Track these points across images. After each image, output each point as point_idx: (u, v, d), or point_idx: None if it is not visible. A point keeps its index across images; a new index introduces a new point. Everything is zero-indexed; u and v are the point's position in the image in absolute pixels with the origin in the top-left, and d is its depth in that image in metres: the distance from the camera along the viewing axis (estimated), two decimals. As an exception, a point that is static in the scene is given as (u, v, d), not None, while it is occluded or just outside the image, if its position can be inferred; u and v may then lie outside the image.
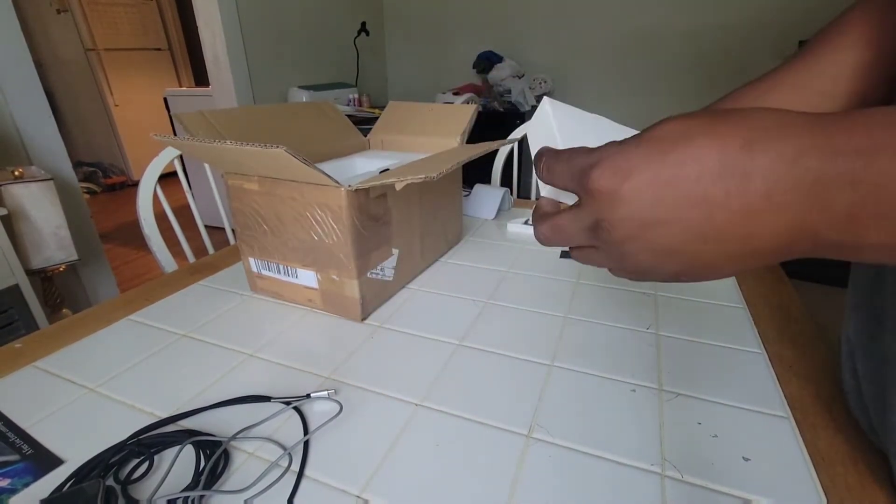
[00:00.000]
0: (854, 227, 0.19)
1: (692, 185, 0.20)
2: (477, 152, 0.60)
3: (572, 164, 0.24)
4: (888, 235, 0.18)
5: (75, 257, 1.38)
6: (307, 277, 0.60)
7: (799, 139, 0.19)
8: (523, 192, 1.61)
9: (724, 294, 0.64)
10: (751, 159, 0.19)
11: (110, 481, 0.36)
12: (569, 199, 0.29)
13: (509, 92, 2.56)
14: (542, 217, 0.27)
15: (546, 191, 0.31)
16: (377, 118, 0.89)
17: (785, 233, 0.20)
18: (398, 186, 0.50)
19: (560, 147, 0.27)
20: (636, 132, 0.24)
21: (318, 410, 0.44)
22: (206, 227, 1.06)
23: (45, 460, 0.38)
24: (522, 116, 2.52)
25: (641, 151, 0.21)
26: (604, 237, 0.23)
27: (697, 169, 0.20)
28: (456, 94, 2.57)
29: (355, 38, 2.71)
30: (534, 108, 2.61)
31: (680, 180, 0.20)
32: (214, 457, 0.37)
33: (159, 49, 4.06)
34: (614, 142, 0.23)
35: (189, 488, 0.35)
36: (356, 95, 2.52)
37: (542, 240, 0.28)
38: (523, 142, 1.49)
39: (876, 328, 0.35)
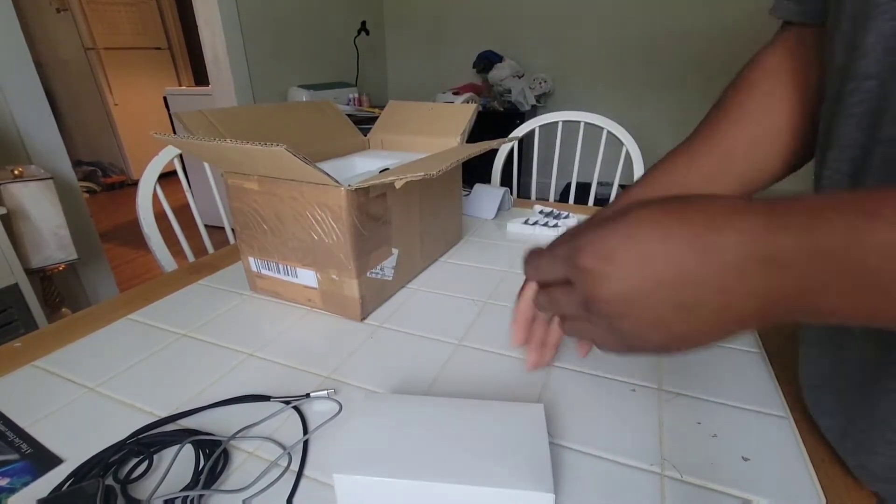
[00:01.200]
0: (807, 296, 0.21)
1: (668, 263, 0.23)
2: (476, 151, 0.60)
3: (555, 254, 0.27)
4: (838, 301, 0.21)
5: (75, 257, 1.38)
6: (307, 277, 0.60)
7: (754, 220, 0.22)
8: (523, 192, 1.61)
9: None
10: (719, 238, 0.22)
11: (110, 480, 0.36)
12: None
13: (509, 92, 2.56)
14: (540, 272, 0.29)
15: None
16: (377, 118, 0.89)
17: (754, 300, 0.22)
18: (398, 185, 0.50)
19: None
20: None
21: (317, 410, 0.44)
22: (205, 226, 1.06)
23: (44, 459, 0.38)
24: (522, 116, 2.52)
25: (619, 237, 0.24)
26: (594, 311, 0.25)
27: (671, 248, 0.23)
28: (456, 93, 2.57)
29: (355, 37, 2.71)
30: (534, 107, 2.61)
31: (657, 260, 0.23)
32: (214, 456, 0.37)
33: (159, 48, 4.05)
34: (590, 227, 0.26)
35: (188, 487, 0.35)
36: (356, 95, 2.52)
37: (537, 306, 0.31)
38: (523, 141, 1.49)
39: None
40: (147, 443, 0.39)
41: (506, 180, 1.36)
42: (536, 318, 0.45)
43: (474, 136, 0.79)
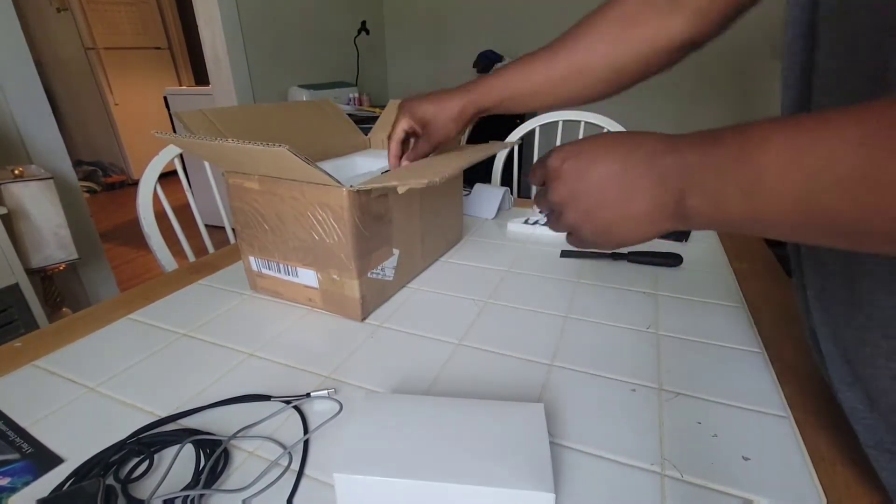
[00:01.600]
0: (700, 200, 0.28)
1: (603, 169, 0.32)
2: (479, 156, 0.60)
3: (541, 160, 0.37)
4: (702, 205, 0.28)
5: (75, 256, 1.38)
6: (307, 277, 0.60)
7: (664, 142, 0.30)
8: (523, 192, 1.61)
9: (724, 293, 0.64)
10: (636, 152, 0.31)
11: (110, 480, 0.36)
12: None
13: (509, 91, 2.56)
14: (533, 175, 0.38)
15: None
16: (377, 117, 0.89)
17: (653, 198, 0.30)
18: (400, 190, 0.50)
19: None
20: None
21: (318, 410, 0.44)
22: (206, 226, 1.06)
23: (45, 459, 0.38)
24: (522, 116, 2.52)
25: (583, 144, 0.34)
26: (555, 200, 0.35)
27: (607, 160, 0.32)
28: (456, 93, 2.57)
29: (355, 37, 2.70)
30: (534, 107, 2.60)
31: (596, 165, 0.32)
32: (214, 456, 0.37)
33: (159, 48, 4.05)
34: (571, 141, 0.35)
35: (189, 487, 0.35)
36: (356, 95, 2.51)
37: (535, 202, 0.40)
38: (524, 141, 1.49)
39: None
40: (147, 442, 0.39)
41: (506, 180, 1.36)
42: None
43: (474, 135, 0.79)
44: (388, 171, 0.63)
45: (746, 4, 0.46)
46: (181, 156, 1.01)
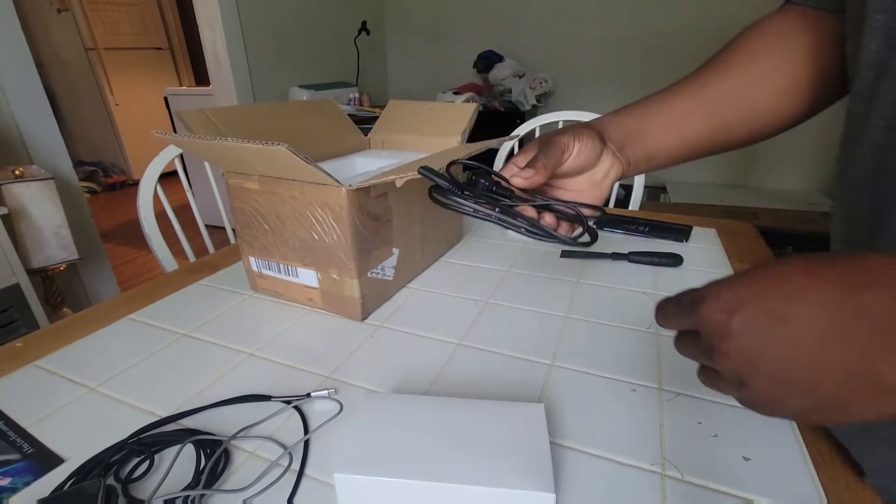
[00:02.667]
0: None
1: (805, 321, 0.21)
2: (476, 149, 0.60)
3: (680, 301, 0.26)
4: None
5: (76, 256, 1.38)
6: (307, 277, 0.60)
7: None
8: (524, 192, 1.60)
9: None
10: (861, 299, 0.20)
11: (111, 480, 0.36)
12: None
13: (510, 91, 2.56)
14: (667, 319, 0.28)
15: None
16: (377, 117, 0.89)
17: None
18: (398, 183, 0.50)
19: None
20: None
21: (318, 410, 0.44)
22: (206, 226, 1.06)
23: (45, 459, 0.38)
24: (523, 116, 2.52)
25: (747, 289, 0.23)
26: (720, 365, 0.24)
27: (809, 306, 0.21)
28: (456, 93, 2.57)
29: (356, 37, 2.70)
30: (534, 107, 2.61)
31: (791, 317, 0.21)
32: (215, 456, 0.37)
33: (160, 48, 4.05)
34: (718, 280, 0.25)
35: (189, 487, 0.35)
36: (356, 95, 2.51)
37: (676, 347, 0.29)
38: (524, 141, 1.49)
39: None
40: (148, 442, 0.39)
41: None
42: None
43: (475, 135, 0.78)
44: (386, 171, 0.63)
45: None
46: (181, 156, 1.01)
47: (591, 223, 0.42)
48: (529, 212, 0.41)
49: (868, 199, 0.34)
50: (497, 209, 0.39)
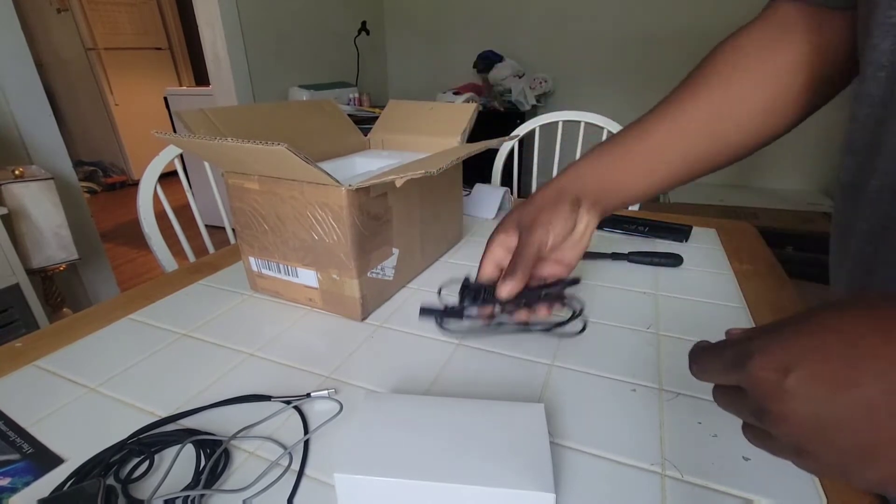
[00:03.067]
0: None
1: (877, 381, 0.18)
2: (476, 149, 0.60)
3: (724, 356, 0.23)
4: None
5: (76, 256, 1.38)
6: (307, 277, 0.60)
7: None
8: (524, 192, 1.61)
9: (725, 294, 0.64)
10: None
11: (111, 480, 0.36)
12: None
13: (510, 91, 2.56)
14: (705, 374, 0.25)
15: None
16: (377, 117, 0.89)
17: None
18: (398, 183, 0.50)
19: None
20: None
21: (318, 410, 0.44)
22: (206, 226, 1.06)
23: (45, 459, 0.38)
24: (523, 116, 2.52)
25: (803, 344, 0.20)
26: (775, 431, 0.21)
27: (877, 364, 0.18)
28: (456, 93, 2.57)
29: (356, 37, 2.71)
30: (534, 107, 2.61)
31: (859, 377, 0.19)
32: (215, 456, 0.37)
33: (159, 48, 4.05)
34: (765, 329, 0.22)
35: (189, 487, 0.35)
36: (356, 95, 2.52)
37: (715, 400, 0.26)
38: (524, 141, 1.49)
39: None
40: (148, 443, 0.39)
41: (506, 180, 1.36)
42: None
43: (475, 135, 0.78)
44: (386, 171, 0.63)
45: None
46: (181, 156, 1.01)
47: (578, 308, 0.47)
48: (522, 315, 0.45)
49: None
50: (494, 321, 0.45)
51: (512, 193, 1.05)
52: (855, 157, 0.35)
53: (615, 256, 0.75)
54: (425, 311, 0.46)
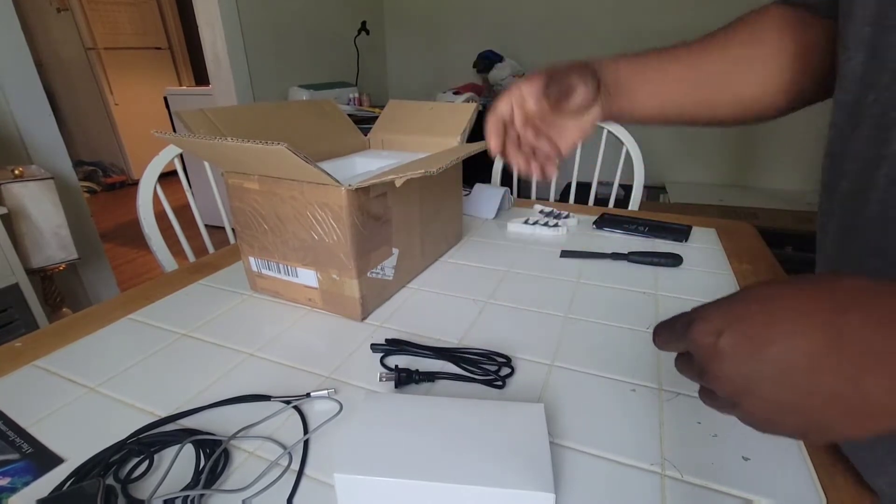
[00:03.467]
0: None
1: (789, 347, 0.21)
2: (476, 149, 0.60)
3: (674, 327, 0.26)
4: None
5: (75, 256, 1.38)
6: (307, 277, 0.60)
7: (886, 304, 0.20)
8: (523, 192, 1.61)
9: (724, 294, 0.64)
10: (844, 320, 0.20)
11: (110, 480, 0.36)
12: None
13: (510, 91, 2.56)
14: (663, 343, 0.28)
15: None
16: (377, 117, 0.89)
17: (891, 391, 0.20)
18: (398, 183, 0.50)
19: None
20: None
21: (318, 410, 0.44)
22: (206, 226, 1.06)
23: (45, 459, 0.38)
24: (523, 116, 2.52)
25: (732, 314, 0.23)
26: (713, 386, 0.25)
27: (790, 327, 0.21)
28: (456, 93, 2.57)
29: (355, 37, 2.70)
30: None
31: (776, 342, 0.21)
32: (214, 456, 0.37)
33: (159, 48, 4.05)
34: (708, 303, 0.25)
35: (189, 487, 0.35)
36: (356, 95, 2.51)
37: (678, 369, 0.29)
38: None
39: None
40: (147, 442, 0.39)
41: (506, 180, 1.35)
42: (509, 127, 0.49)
43: (475, 135, 0.78)
44: (386, 171, 0.63)
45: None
46: (181, 156, 1.01)
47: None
48: None
49: (863, 216, 0.33)
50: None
51: (512, 193, 1.05)
52: (831, 159, 0.37)
53: (615, 256, 0.75)
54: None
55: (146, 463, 0.38)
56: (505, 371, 0.49)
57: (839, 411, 0.21)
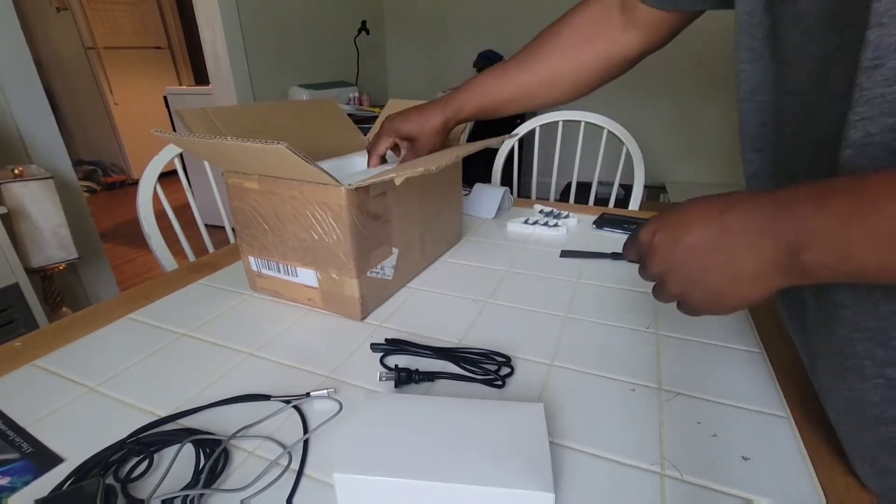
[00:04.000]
0: (797, 254, 0.27)
1: (697, 235, 0.31)
2: (475, 148, 0.60)
3: (633, 235, 0.37)
4: (824, 257, 0.26)
5: (75, 256, 1.38)
6: (307, 276, 0.60)
7: (753, 202, 0.29)
8: (523, 192, 1.60)
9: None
10: (727, 217, 0.30)
11: (110, 480, 0.36)
12: None
13: (509, 91, 2.56)
14: (626, 251, 0.38)
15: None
16: (377, 117, 0.89)
17: (760, 256, 0.29)
18: (397, 181, 0.50)
19: None
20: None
21: (317, 409, 0.44)
22: (206, 225, 1.06)
23: (44, 459, 0.38)
24: (523, 115, 2.52)
25: (671, 215, 0.33)
26: (649, 273, 0.35)
27: (700, 225, 0.31)
28: (456, 93, 2.57)
29: (356, 36, 2.70)
30: (534, 107, 2.60)
31: (690, 233, 0.32)
32: (214, 455, 0.37)
33: (159, 48, 4.05)
34: (656, 214, 0.36)
35: (189, 487, 0.35)
36: (356, 94, 2.51)
37: (639, 273, 0.38)
38: (524, 141, 1.49)
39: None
40: (147, 442, 0.39)
41: (506, 180, 1.36)
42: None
43: (475, 135, 0.78)
44: (385, 170, 0.63)
45: (695, 15, 0.55)
46: (181, 155, 1.01)
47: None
48: None
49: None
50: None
51: (512, 193, 1.05)
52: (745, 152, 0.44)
53: (615, 256, 0.75)
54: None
55: (146, 462, 0.38)
56: (505, 371, 0.49)
57: (722, 280, 0.31)
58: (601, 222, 0.90)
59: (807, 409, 0.43)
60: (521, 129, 1.31)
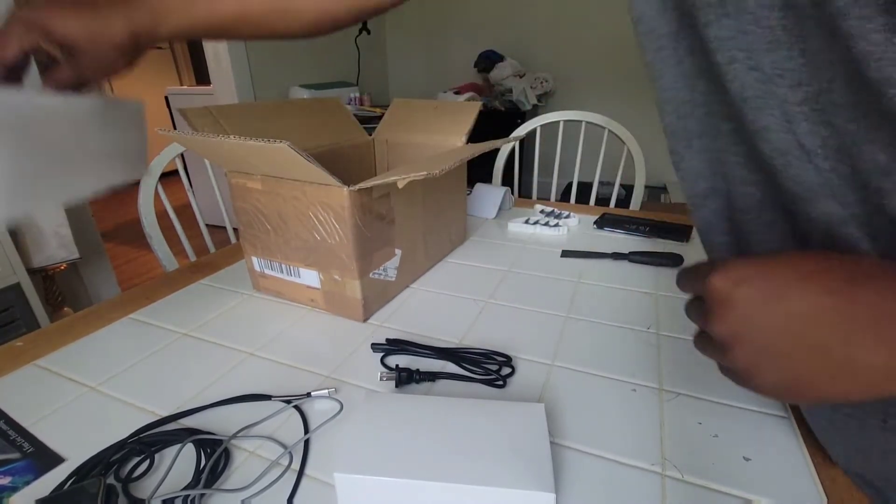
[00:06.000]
0: None
1: (802, 300, 0.23)
2: (479, 150, 0.60)
3: (698, 271, 0.28)
4: None
5: (76, 256, 1.38)
6: (309, 277, 0.60)
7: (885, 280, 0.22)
8: (524, 192, 1.61)
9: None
10: (857, 290, 0.22)
11: (111, 479, 0.36)
12: None
13: (510, 91, 2.56)
14: (683, 284, 0.30)
15: None
16: (378, 117, 0.89)
17: (883, 353, 0.21)
18: (400, 184, 0.50)
19: None
20: None
21: (318, 409, 0.44)
22: (206, 225, 1.06)
23: (46, 458, 0.38)
24: (523, 116, 2.52)
25: (758, 267, 0.25)
26: (713, 328, 0.26)
27: (804, 286, 0.23)
28: (457, 92, 2.57)
29: (356, 36, 2.70)
30: (535, 107, 2.61)
31: (791, 295, 0.23)
32: (215, 455, 0.37)
33: (160, 48, 4.05)
34: (738, 257, 0.26)
35: (190, 486, 0.35)
36: (357, 94, 2.51)
37: (686, 310, 0.30)
38: (525, 141, 1.49)
39: None
40: (148, 442, 0.39)
41: (507, 180, 1.35)
42: None
43: (475, 135, 0.78)
44: (389, 171, 0.63)
45: None
46: (182, 155, 1.01)
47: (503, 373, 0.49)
48: None
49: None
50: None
51: (513, 193, 1.05)
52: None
53: (615, 256, 0.75)
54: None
55: (147, 462, 0.38)
56: (505, 371, 0.49)
57: (822, 369, 0.23)
58: (602, 222, 0.90)
59: (807, 409, 0.43)
60: (522, 130, 1.31)
